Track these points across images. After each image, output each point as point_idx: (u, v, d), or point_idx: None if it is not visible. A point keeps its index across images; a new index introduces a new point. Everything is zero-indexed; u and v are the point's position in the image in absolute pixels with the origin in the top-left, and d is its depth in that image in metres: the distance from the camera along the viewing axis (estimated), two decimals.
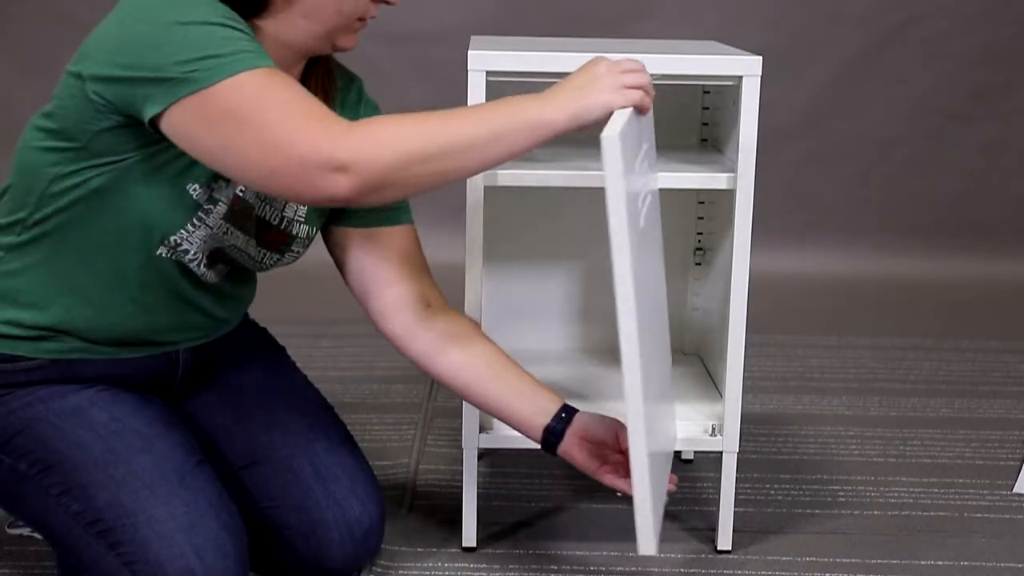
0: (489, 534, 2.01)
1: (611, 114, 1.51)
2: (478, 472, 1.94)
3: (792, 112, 3.61)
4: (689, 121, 2.17)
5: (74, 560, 1.64)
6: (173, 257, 1.65)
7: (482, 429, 1.92)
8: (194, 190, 1.61)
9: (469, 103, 1.76)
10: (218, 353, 1.84)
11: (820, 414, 2.56)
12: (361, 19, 1.66)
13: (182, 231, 1.62)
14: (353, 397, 2.59)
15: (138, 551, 1.57)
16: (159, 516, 1.59)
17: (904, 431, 2.48)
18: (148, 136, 1.55)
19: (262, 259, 1.74)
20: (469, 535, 1.95)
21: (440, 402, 2.57)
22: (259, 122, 1.46)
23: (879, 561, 1.96)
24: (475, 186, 1.81)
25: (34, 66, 3.65)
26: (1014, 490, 2.22)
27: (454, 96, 1.76)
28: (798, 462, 2.32)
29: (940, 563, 1.96)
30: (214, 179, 1.61)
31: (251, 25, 1.60)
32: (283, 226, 1.73)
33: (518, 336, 2.25)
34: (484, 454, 2.26)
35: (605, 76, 1.54)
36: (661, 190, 1.91)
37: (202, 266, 1.68)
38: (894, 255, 3.65)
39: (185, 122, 1.49)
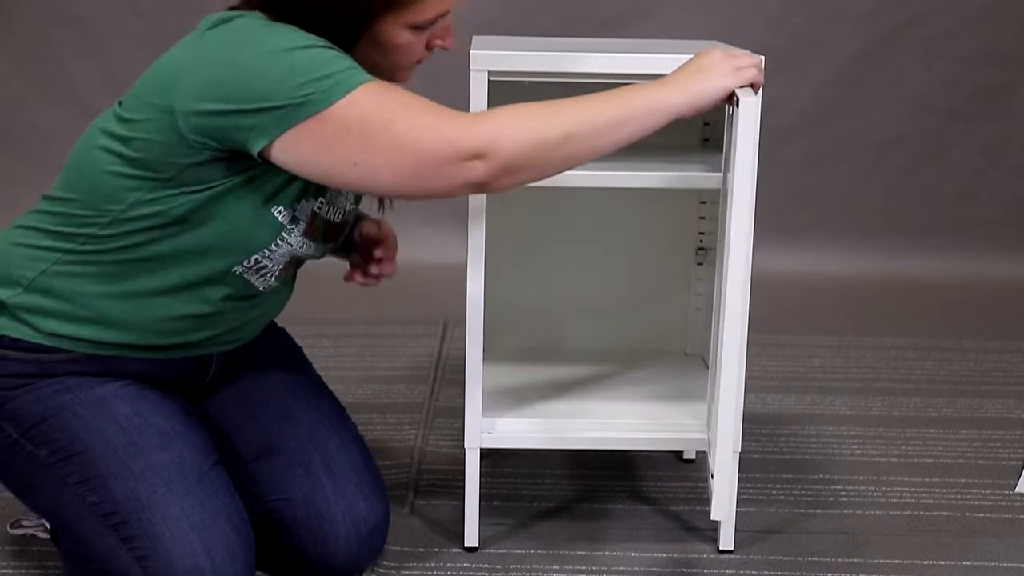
0: (491, 534, 2.00)
1: (727, 97, 1.63)
2: (480, 472, 1.94)
3: (793, 112, 3.61)
4: (691, 120, 2.16)
5: (83, 551, 1.66)
6: (247, 275, 1.67)
7: (484, 429, 1.92)
8: (279, 212, 1.62)
9: (471, 103, 1.77)
10: (243, 353, 1.86)
11: (822, 414, 2.56)
12: (418, 60, 1.69)
13: (265, 250, 1.65)
14: (355, 397, 2.58)
15: (150, 546, 1.59)
16: (174, 513, 1.60)
17: (906, 431, 2.48)
18: (239, 164, 1.56)
19: (322, 254, 1.77)
20: (471, 535, 1.95)
21: (442, 402, 2.57)
22: (387, 130, 1.50)
23: (881, 561, 1.95)
24: None
25: (34, 66, 3.64)
26: (1016, 490, 2.21)
27: (456, 96, 1.76)
28: (800, 462, 2.32)
29: (942, 563, 1.95)
30: (296, 200, 1.63)
31: None
32: (340, 219, 1.76)
33: (520, 336, 2.25)
34: (486, 454, 2.25)
35: (721, 62, 1.62)
36: (663, 190, 1.91)
37: (273, 278, 1.71)
38: (894, 255, 3.64)
39: (303, 145, 1.51)
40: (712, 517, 1.70)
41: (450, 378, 2.69)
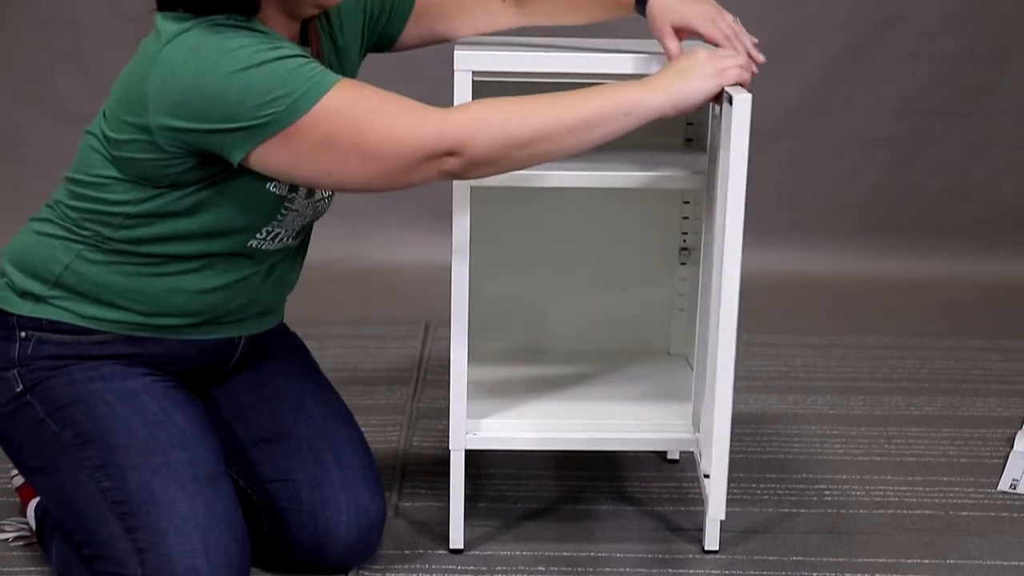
0: (476, 536, 2.00)
1: (712, 98, 1.62)
2: (465, 473, 1.94)
3: (777, 111, 3.61)
4: (674, 120, 2.16)
5: (83, 535, 1.68)
6: (263, 245, 1.73)
7: (469, 431, 1.92)
8: (275, 187, 1.67)
9: (455, 103, 1.76)
10: (262, 346, 1.90)
11: (805, 413, 2.57)
12: None
13: (273, 222, 1.70)
14: None
15: (152, 540, 1.61)
16: (182, 512, 1.63)
17: (888, 430, 2.49)
18: (224, 161, 1.60)
19: (326, 207, 1.80)
20: (456, 537, 1.95)
21: (425, 403, 2.56)
22: (356, 140, 1.53)
23: (865, 560, 1.96)
24: (461, 186, 1.80)
25: (17, 68, 3.63)
26: (998, 488, 2.22)
27: (442, 97, 1.75)
28: (783, 461, 2.32)
29: (926, 561, 1.96)
30: None
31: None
32: None
33: (503, 336, 2.25)
34: (470, 455, 2.25)
35: (704, 63, 1.62)
36: (646, 190, 1.91)
37: (288, 239, 1.76)
38: (879, 254, 3.65)
39: (276, 158, 1.56)
40: (709, 517, 1.68)
41: (432, 379, 2.69)
